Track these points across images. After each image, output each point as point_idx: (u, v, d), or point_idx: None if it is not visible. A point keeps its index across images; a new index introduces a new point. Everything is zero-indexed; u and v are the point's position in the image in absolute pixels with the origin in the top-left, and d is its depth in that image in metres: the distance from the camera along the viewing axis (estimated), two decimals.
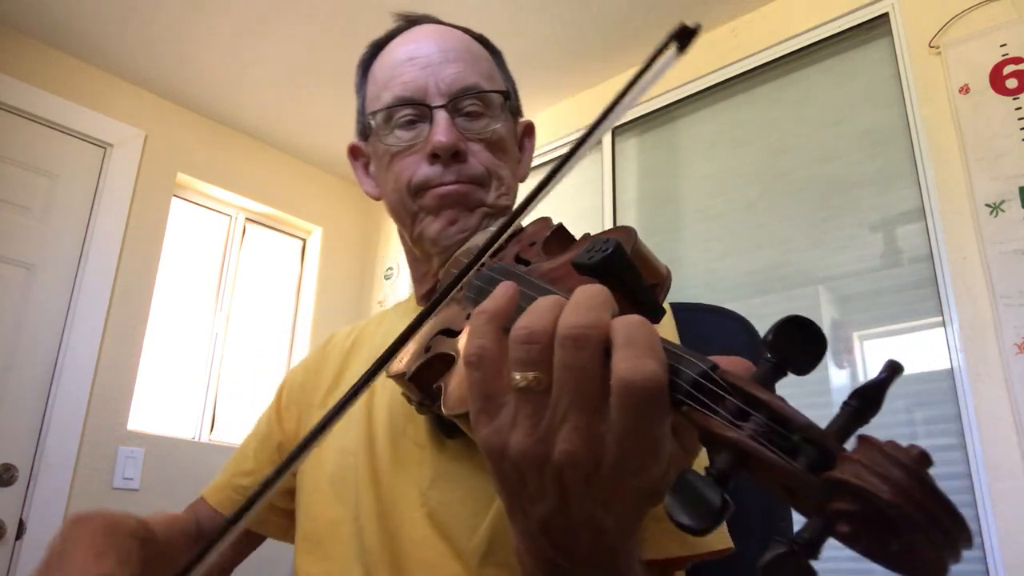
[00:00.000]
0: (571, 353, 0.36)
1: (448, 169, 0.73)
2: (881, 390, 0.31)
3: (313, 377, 0.87)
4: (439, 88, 0.74)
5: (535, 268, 0.57)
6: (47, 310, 2.53)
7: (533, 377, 0.37)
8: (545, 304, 0.39)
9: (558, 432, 0.37)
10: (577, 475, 0.37)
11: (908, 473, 0.27)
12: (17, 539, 2.33)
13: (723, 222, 2.34)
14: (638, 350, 0.35)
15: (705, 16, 2.46)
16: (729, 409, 0.33)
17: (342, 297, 3.43)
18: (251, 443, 0.89)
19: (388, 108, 0.75)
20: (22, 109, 2.57)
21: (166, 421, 2.83)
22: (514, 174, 0.80)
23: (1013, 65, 1.81)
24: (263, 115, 3.08)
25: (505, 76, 0.83)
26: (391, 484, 0.69)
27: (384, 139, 0.76)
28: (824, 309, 2.05)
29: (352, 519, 0.70)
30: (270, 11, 2.48)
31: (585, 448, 0.36)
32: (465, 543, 0.62)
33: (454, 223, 0.73)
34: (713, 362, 0.35)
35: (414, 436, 0.70)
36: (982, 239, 1.76)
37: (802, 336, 0.35)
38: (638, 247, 0.46)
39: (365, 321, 0.92)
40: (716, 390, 0.34)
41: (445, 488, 0.65)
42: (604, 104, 0.45)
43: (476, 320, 0.41)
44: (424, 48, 0.76)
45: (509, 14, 2.42)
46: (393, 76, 0.76)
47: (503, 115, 0.77)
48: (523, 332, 0.38)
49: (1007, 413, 1.64)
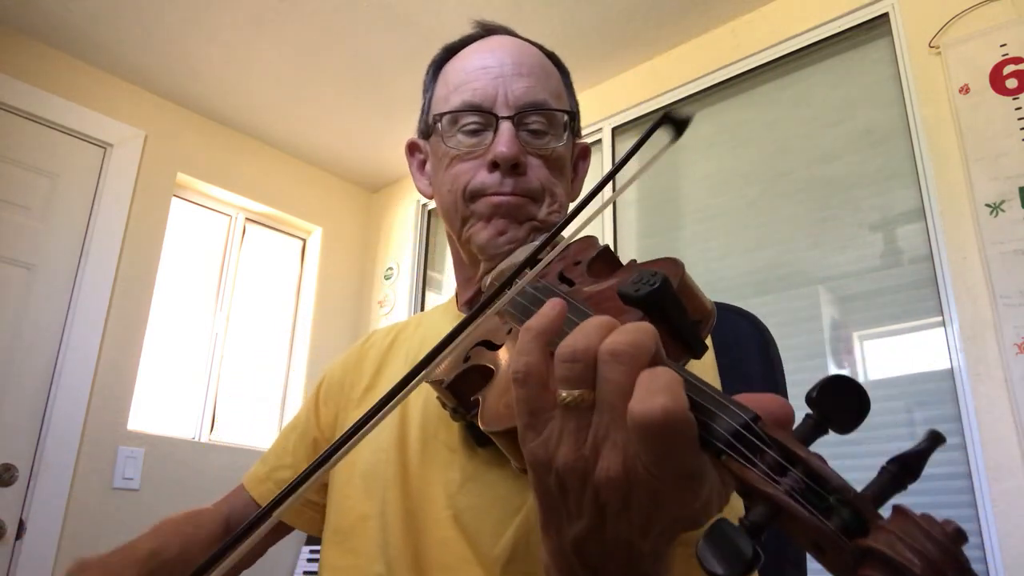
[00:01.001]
0: (610, 367, 0.37)
1: (506, 180, 0.74)
2: (922, 459, 0.31)
3: (352, 375, 0.88)
4: (508, 100, 0.75)
5: (578, 290, 0.57)
6: (47, 310, 2.53)
7: (579, 394, 0.38)
8: (593, 324, 0.40)
9: (600, 449, 0.38)
10: (616, 496, 0.38)
11: (942, 550, 0.28)
12: (17, 539, 2.33)
13: (723, 222, 2.34)
14: (653, 386, 0.35)
15: (705, 16, 2.46)
16: (768, 462, 0.33)
17: (342, 297, 3.44)
18: (292, 436, 0.91)
19: (455, 112, 0.76)
20: (22, 109, 2.57)
21: (166, 421, 2.83)
22: (567, 193, 0.81)
23: (1013, 65, 1.81)
24: (263, 115, 3.08)
25: (571, 96, 0.84)
26: (419, 484, 0.70)
27: (447, 141, 0.77)
28: (824, 309, 2.05)
29: (379, 515, 0.71)
30: (270, 11, 2.48)
31: (622, 468, 0.37)
32: (488, 549, 0.63)
33: (503, 233, 0.74)
34: (755, 412, 0.35)
35: (446, 439, 0.71)
36: (982, 239, 1.76)
37: (846, 396, 0.35)
38: (685, 281, 0.46)
39: (404, 322, 0.93)
40: (756, 442, 0.34)
41: (473, 493, 0.66)
42: (605, 104, 0.45)
43: (523, 337, 0.42)
44: (498, 58, 0.77)
45: (509, 14, 2.42)
46: (464, 81, 0.77)
47: (565, 135, 0.79)
48: (568, 351, 0.39)
49: (1007, 413, 1.64)
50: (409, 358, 0.83)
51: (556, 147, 0.77)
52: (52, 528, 2.38)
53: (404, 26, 2.45)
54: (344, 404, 0.87)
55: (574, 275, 0.61)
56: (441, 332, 0.80)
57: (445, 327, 0.82)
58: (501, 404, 0.50)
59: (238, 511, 0.86)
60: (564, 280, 0.61)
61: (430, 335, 0.84)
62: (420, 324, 0.89)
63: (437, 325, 0.86)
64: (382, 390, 0.82)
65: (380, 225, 3.57)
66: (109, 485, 2.54)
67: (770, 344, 0.90)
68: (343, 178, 3.56)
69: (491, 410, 0.51)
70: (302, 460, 0.87)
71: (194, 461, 2.73)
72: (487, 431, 0.49)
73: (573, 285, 0.60)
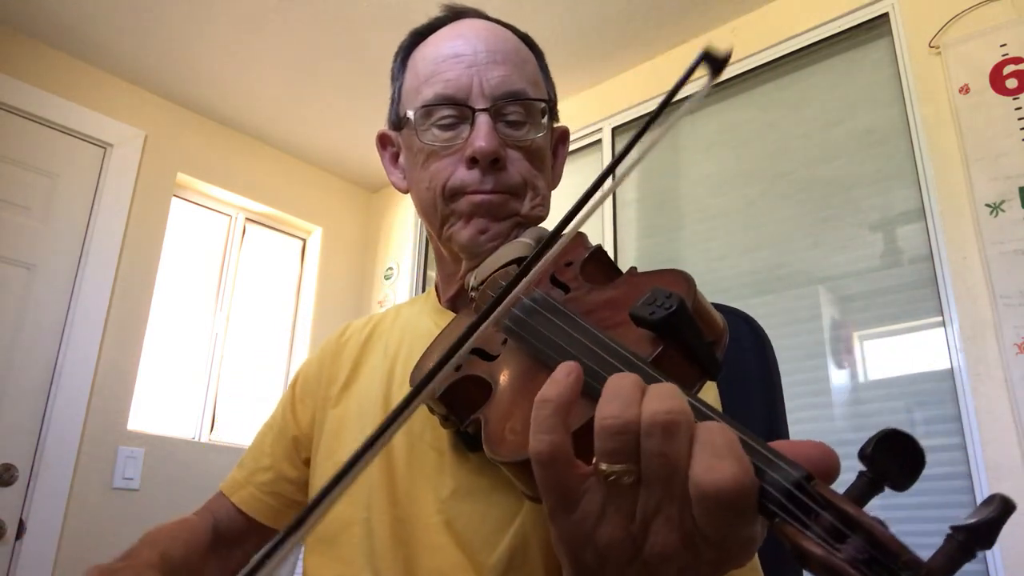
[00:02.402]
0: (661, 441, 0.34)
1: (486, 177, 0.70)
2: (994, 530, 0.29)
3: (329, 370, 0.85)
4: (483, 90, 0.71)
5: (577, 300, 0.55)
6: (47, 310, 2.53)
7: (623, 468, 0.35)
8: (628, 387, 0.36)
9: (651, 524, 0.35)
10: (670, 569, 0.35)
11: None
12: (17, 539, 2.33)
13: (723, 222, 2.34)
14: (716, 450, 0.33)
15: (705, 16, 2.46)
16: (824, 526, 0.31)
17: (342, 297, 3.43)
18: (267, 436, 0.87)
19: (428, 105, 0.72)
20: (22, 109, 2.56)
21: (166, 421, 2.83)
22: (548, 184, 0.78)
23: (1013, 65, 1.81)
24: (263, 115, 3.08)
25: (547, 80, 0.80)
26: (407, 489, 0.68)
27: (421, 136, 0.73)
28: (824, 309, 2.05)
29: (363, 521, 0.69)
30: (270, 11, 2.48)
31: (680, 544, 0.35)
32: (484, 557, 0.61)
33: (485, 232, 0.71)
34: (806, 471, 0.33)
35: (432, 441, 0.68)
36: (982, 239, 1.76)
37: (902, 451, 0.32)
38: (698, 300, 0.44)
39: (381, 313, 0.90)
40: (810, 504, 0.31)
41: (465, 500, 0.64)
42: (605, 104, 0.45)
43: (542, 412, 0.38)
44: (471, 45, 0.73)
45: (509, 13, 2.41)
46: (436, 72, 0.73)
47: (544, 123, 0.75)
48: (614, 423, 0.35)
49: (1007, 413, 1.64)
50: (388, 353, 0.80)
51: (535, 138, 0.73)
52: (52, 528, 2.38)
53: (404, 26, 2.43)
54: (322, 401, 0.83)
55: (567, 278, 0.59)
56: (422, 328, 0.79)
57: (425, 322, 0.80)
58: (506, 430, 0.48)
59: (223, 519, 0.82)
60: (557, 284, 0.59)
61: (409, 328, 0.81)
62: (398, 317, 0.85)
63: (417, 320, 0.82)
64: (361, 385, 0.79)
65: (380, 225, 3.57)
66: (109, 485, 2.54)
67: (766, 345, 0.90)
68: (343, 178, 3.56)
69: (496, 436, 0.48)
70: (281, 460, 0.84)
71: (194, 461, 2.73)
72: (495, 460, 0.47)
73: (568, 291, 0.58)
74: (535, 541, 0.60)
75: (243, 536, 0.83)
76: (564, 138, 0.84)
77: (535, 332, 0.52)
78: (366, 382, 0.80)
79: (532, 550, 0.60)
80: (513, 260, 0.66)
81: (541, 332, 0.51)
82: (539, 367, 0.51)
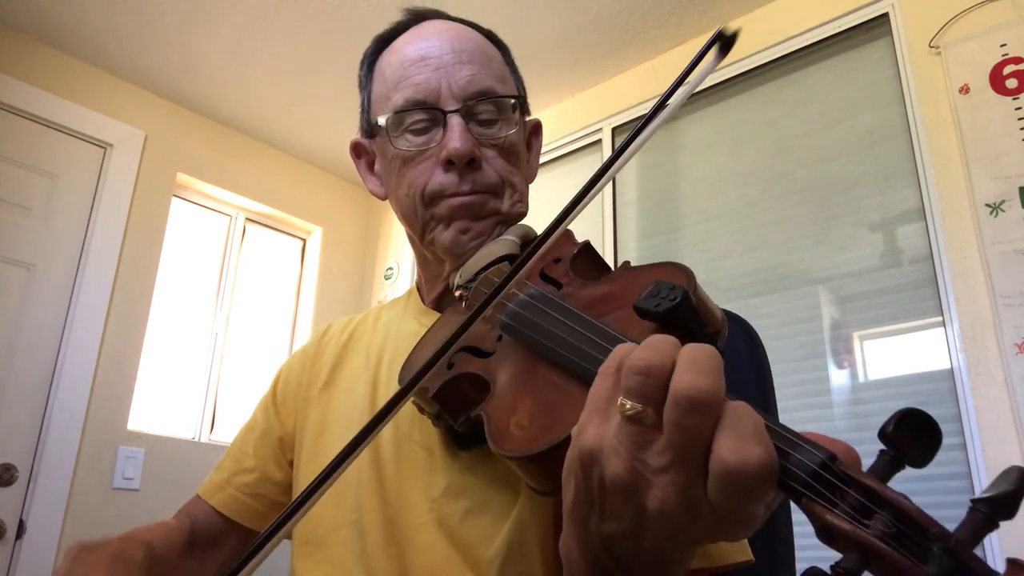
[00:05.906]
0: (686, 415, 0.34)
1: (463, 178, 0.70)
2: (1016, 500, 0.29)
3: (310, 371, 0.84)
4: (452, 91, 0.71)
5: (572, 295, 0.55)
6: (47, 310, 2.53)
7: (642, 409, 0.36)
8: (667, 343, 0.37)
9: (656, 478, 0.36)
10: (666, 525, 0.36)
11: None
12: (17, 539, 2.33)
13: (723, 222, 2.34)
14: (743, 432, 0.33)
15: (705, 16, 2.46)
16: (851, 503, 0.31)
17: (342, 297, 3.43)
18: (249, 439, 0.86)
19: (400, 111, 0.72)
20: (22, 109, 2.56)
21: (166, 421, 2.83)
22: (525, 179, 0.78)
23: (1013, 65, 1.81)
24: (263, 115, 3.08)
25: (515, 74, 0.81)
26: (397, 488, 0.67)
27: (394, 142, 0.73)
28: (824, 309, 2.05)
29: (352, 522, 0.68)
30: (270, 12, 2.48)
31: (681, 507, 0.35)
32: (481, 552, 0.61)
33: (466, 232, 0.71)
34: (831, 451, 0.33)
35: (421, 440, 0.68)
36: (982, 239, 1.76)
37: (920, 429, 0.33)
38: (699, 293, 0.45)
39: (363, 314, 0.89)
40: (836, 482, 0.32)
41: (459, 498, 0.63)
42: (605, 104, 0.45)
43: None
44: (436, 47, 0.73)
45: (509, 13, 2.42)
46: (404, 76, 0.73)
47: (515, 118, 0.75)
48: (641, 364, 0.36)
49: (1007, 413, 1.64)
50: (371, 355, 0.79)
51: (509, 134, 0.74)
52: (52, 528, 2.38)
53: None
54: (303, 403, 0.82)
55: (557, 274, 0.58)
56: (406, 329, 0.79)
57: (410, 323, 0.79)
58: (512, 424, 0.47)
59: (200, 522, 0.82)
60: (548, 279, 0.59)
61: (391, 329, 0.81)
62: (379, 318, 0.85)
63: (400, 322, 0.82)
64: (342, 387, 0.79)
65: (380, 225, 3.57)
66: (109, 485, 2.54)
67: (759, 348, 0.89)
68: (343, 178, 3.56)
69: (502, 432, 0.48)
70: (266, 461, 0.83)
71: (194, 461, 2.73)
72: (502, 455, 0.46)
73: (560, 287, 0.57)
74: (532, 532, 0.60)
75: (220, 539, 0.82)
76: (537, 130, 0.85)
77: (535, 326, 0.52)
78: (348, 384, 0.79)
79: (530, 541, 0.60)
80: (500, 258, 0.66)
81: (541, 326, 0.51)
82: (539, 362, 0.51)
